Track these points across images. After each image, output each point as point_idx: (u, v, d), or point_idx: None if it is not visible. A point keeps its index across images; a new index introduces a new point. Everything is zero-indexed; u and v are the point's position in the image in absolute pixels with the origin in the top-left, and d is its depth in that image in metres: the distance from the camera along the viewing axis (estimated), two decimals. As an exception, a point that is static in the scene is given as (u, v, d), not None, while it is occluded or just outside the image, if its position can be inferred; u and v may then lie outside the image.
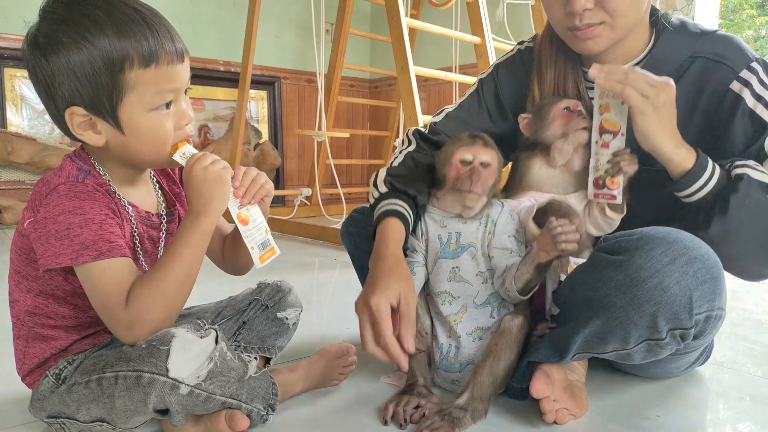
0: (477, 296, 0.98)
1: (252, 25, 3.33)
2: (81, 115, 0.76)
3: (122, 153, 0.81)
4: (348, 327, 1.47)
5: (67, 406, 0.79)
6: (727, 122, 0.96)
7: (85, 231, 0.75)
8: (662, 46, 1.03)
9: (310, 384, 1.02)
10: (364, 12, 4.69)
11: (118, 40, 0.73)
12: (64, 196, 0.76)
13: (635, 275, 0.81)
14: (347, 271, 2.19)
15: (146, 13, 0.76)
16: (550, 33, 1.11)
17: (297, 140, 4.50)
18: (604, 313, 0.85)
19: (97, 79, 0.73)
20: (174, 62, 0.78)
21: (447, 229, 1.01)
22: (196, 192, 0.80)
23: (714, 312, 0.84)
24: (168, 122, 0.80)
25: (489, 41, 2.94)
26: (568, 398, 0.92)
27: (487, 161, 0.96)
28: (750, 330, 1.48)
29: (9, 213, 3.17)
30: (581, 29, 0.98)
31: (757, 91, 0.95)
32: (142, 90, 0.76)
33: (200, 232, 0.80)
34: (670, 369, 1.08)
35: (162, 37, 0.76)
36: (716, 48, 0.99)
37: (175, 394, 0.75)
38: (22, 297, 0.85)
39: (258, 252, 0.86)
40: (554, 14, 1.01)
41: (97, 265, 0.76)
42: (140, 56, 0.74)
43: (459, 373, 0.99)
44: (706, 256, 0.82)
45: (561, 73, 1.10)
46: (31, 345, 0.85)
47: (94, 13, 0.73)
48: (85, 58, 0.72)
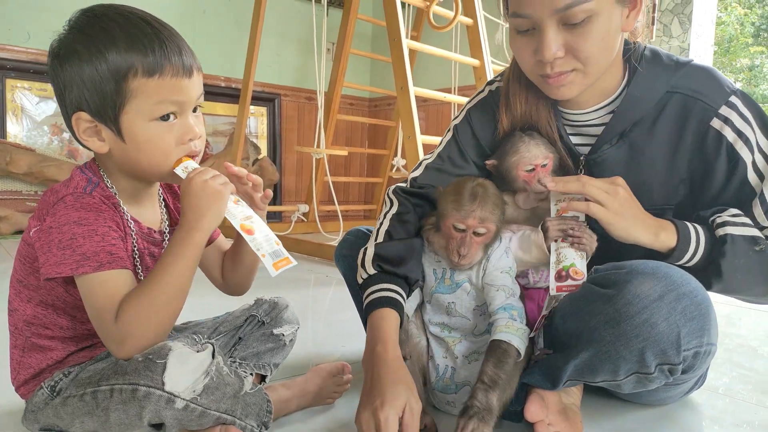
0: (476, 328, 0.99)
1: (254, 42, 3.36)
2: (86, 121, 0.79)
3: (124, 162, 0.82)
4: (343, 345, 1.46)
5: (61, 418, 0.79)
6: (712, 160, 0.97)
7: (87, 242, 0.76)
8: (637, 84, 0.99)
9: (305, 402, 1.02)
10: (365, 32, 4.75)
11: (126, 51, 0.76)
12: (71, 207, 0.77)
13: (624, 310, 0.82)
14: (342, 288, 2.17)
15: (160, 29, 0.79)
16: (518, 73, 1.06)
17: (295, 157, 4.52)
18: (593, 345, 0.86)
19: (103, 86, 0.76)
20: (180, 75, 0.79)
21: (441, 264, 1.01)
22: (193, 205, 0.80)
23: (703, 348, 0.84)
24: (168, 135, 0.81)
25: (488, 64, 2.98)
26: (563, 422, 0.91)
27: (480, 232, 0.94)
28: (745, 357, 1.48)
29: (5, 223, 3.16)
30: (552, 77, 0.95)
31: (737, 126, 0.95)
32: (143, 99, 0.78)
33: (192, 246, 0.79)
34: (664, 398, 1.08)
35: (170, 50, 0.78)
36: (692, 83, 0.97)
37: (170, 408, 0.74)
38: (22, 306, 0.85)
39: (271, 260, 0.82)
40: (524, 61, 0.98)
41: (97, 277, 0.76)
42: (144, 66, 0.76)
43: (455, 394, 0.98)
44: (695, 292, 0.83)
45: (533, 111, 1.06)
46: (27, 355, 0.85)
47: (112, 27, 0.77)
48: (94, 66, 0.76)
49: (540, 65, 0.94)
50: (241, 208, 0.85)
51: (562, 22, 0.89)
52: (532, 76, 1.00)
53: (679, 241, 0.91)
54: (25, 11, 3.38)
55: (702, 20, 3.04)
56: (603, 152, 1.03)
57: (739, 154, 0.94)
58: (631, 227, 0.90)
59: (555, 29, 0.90)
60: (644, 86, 0.99)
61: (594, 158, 1.03)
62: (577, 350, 0.88)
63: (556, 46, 0.91)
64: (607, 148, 1.02)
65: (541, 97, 1.05)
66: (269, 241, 0.84)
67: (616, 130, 1.01)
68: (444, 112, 4.20)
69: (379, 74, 4.80)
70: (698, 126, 0.97)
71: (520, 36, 0.95)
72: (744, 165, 0.94)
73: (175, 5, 3.84)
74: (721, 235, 0.90)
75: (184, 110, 0.82)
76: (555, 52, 0.91)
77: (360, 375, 1.21)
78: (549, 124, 1.06)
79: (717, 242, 0.91)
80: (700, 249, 0.91)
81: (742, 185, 0.95)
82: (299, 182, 4.59)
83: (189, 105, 0.82)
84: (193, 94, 0.82)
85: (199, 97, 0.84)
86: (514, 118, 1.07)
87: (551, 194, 0.99)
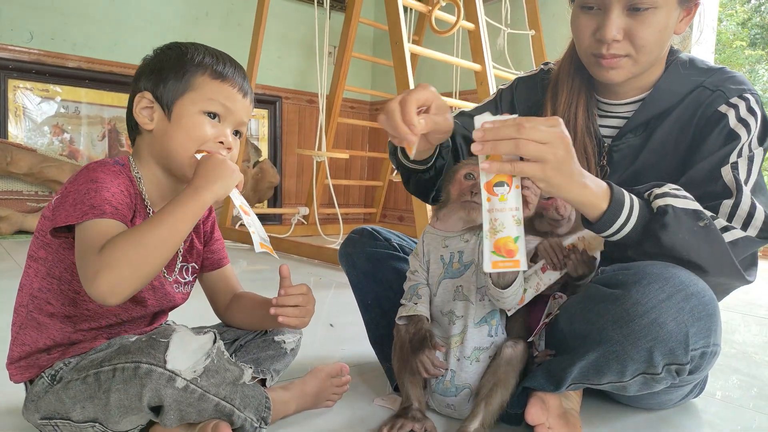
0: (475, 314, 0.98)
1: (256, 45, 3.37)
2: (148, 100, 0.89)
3: (160, 143, 0.89)
4: (342, 348, 1.46)
5: (63, 403, 0.80)
6: (705, 135, 1.00)
7: (97, 195, 0.80)
8: (667, 79, 1.06)
9: (304, 404, 1.02)
10: (367, 36, 4.76)
11: (205, 57, 0.90)
12: (91, 170, 0.84)
13: (632, 310, 0.82)
14: (342, 291, 2.18)
15: (234, 60, 0.94)
16: (571, 55, 1.13)
17: (296, 159, 4.53)
18: (601, 346, 0.86)
19: (177, 79, 0.89)
20: (237, 90, 0.91)
21: (449, 249, 1.01)
22: (207, 172, 0.83)
23: (710, 348, 0.85)
24: (210, 127, 0.89)
25: (489, 68, 2.98)
26: (563, 426, 0.91)
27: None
28: (743, 363, 1.48)
29: (6, 223, 3.16)
30: (606, 58, 1.01)
31: (742, 114, 0.98)
32: (201, 92, 0.89)
33: (195, 201, 0.80)
34: (664, 401, 1.08)
35: (237, 72, 0.92)
36: (716, 80, 1.03)
37: (170, 387, 0.75)
38: (29, 281, 0.88)
39: (258, 238, 0.87)
40: (582, 38, 1.04)
41: (95, 224, 0.78)
42: (213, 71, 0.90)
43: (455, 397, 0.98)
44: (703, 293, 0.83)
45: (575, 97, 1.12)
46: (23, 332, 0.87)
47: (200, 46, 0.93)
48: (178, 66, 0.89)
49: (597, 44, 1.01)
50: (241, 197, 0.90)
51: (628, 7, 0.97)
52: (585, 55, 1.06)
53: (612, 204, 0.83)
54: (27, 11, 3.39)
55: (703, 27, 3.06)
56: (626, 140, 1.08)
57: (737, 133, 0.97)
58: (565, 183, 0.80)
59: (619, 12, 0.97)
60: (673, 83, 1.05)
61: (617, 145, 1.08)
62: (583, 351, 0.88)
63: (617, 28, 0.98)
64: (630, 137, 1.07)
65: (584, 86, 1.12)
66: (260, 228, 0.89)
67: (639, 120, 1.06)
68: (445, 116, 4.20)
69: (380, 78, 4.81)
70: (707, 110, 1.01)
71: (584, 13, 1.02)
72: (735, 144, 0.96)
73: (177, 8, 3.85)
74: (661, 206, 0.84)
75: (227, 119, 0.90)
76: (615, 34, 0.98)
77: (359, 378, 1.21)
78: (588, 111, 1.11)
79: (657, 214, 0.85)
80: (633, 217, 0.85)
81: (721, 160, 0.95)
82: (300, 185, 4.59)
83: (233, 117, 0.91)
84: (241, 112, 0.92)
85: (242, 123, 0.93)
86: (557, 103, 1.13)
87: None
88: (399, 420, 0.95)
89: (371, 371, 1.27)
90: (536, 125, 0.76)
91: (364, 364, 1.32)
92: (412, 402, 0.98)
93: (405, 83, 2.57)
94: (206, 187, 0.81)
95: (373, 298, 1.17)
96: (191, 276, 1.00)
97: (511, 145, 0.76)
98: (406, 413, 0.96)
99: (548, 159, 0.77)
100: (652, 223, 0.85)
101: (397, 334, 1.03)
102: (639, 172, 1.05)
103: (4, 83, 3.38)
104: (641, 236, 0.86)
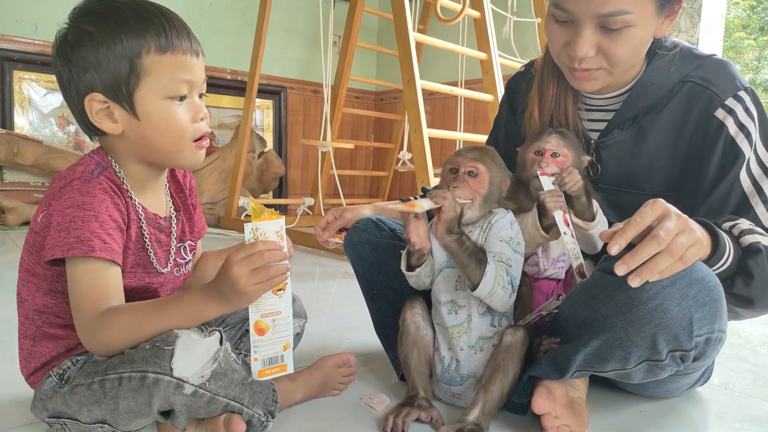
0: (479, 304, 0.98)
1: (260, 35, 3.36)
2: (100, 102, 0.80)
3: (140, 144, 0.83)
4: (349, 337, 1.47)
5: (69, 407, 0.79)
6: (709, 150, 0.97)
7: (85, 226, 0.77)
8: (650, 72, 1.03)
9: (310, 393, 1.02)
10: (372, 25, 4.73)
11: (138, 30, 0.78)
12: (77, 191, 0.79)
13: (635, 296, 0.81)
14: (348, 281, 2.19)
15: (167, 12, 0.83)
16: (551, 58, 1.11)
17: (301, 150, 4.52)
18: (605, 333, 0.85)
19: (116, 64, 0.78)
20: (189, 54, 0.82)
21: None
22: (223, 288, 0.76)
23: (714, 334, 0.84)
24: (182, 113, 0.83)
25: (495, 57, 2.96)
26: (569, 415, 0.91)
27: (472, 171, 0.96)
28: (750, 352, 1.48)
29: (12, 214, 3.18)
30: (579, 71, 0.99)
31: (740, 119, 0.96)
32: (157, 75, 0.80)
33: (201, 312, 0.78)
34: (671, 389, 1.08)
35: (179, 31, 0.82)
36: (705, 73, 1.00)
37: (179, 393, 0.75)
38: (31, 296, 0.85)
39: (259, 366, 0.80)
40: (555, 49, 1.02)
41: (84, 263, 0.77)
42: (157, 43, 0.79)
43: (460, 386, 0.99)
44: (707, 278, 0.82)
45: (562, 93, 1.11)
46: (39, 344, 0.86)
47: (121, 9, 0.79)
48: (108, 46, 0.78)
49: (569, 58, 0.99)
50: (274, 300, 0.79)
51: (600, 26, 0.93)
52: (558, 63, 1.05)
53: (716, 255, 0.85)
54: (32, 3, 3.39)
55: (711, 15, 3.02)
56: (612, 136, 1.07)
57: (740, 148, 0.95)
58: (697, 253, 0.81)
59: (592, 30, 0.94)
60: (658, 74, 1.02)
61: (604, 142, 1.07)
62: (587, 338, 0.88)
63: (589, 46, 0.95)
64: (616, 133, 1.06)
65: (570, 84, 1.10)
66: (275, 345, 0.81)
67: (626, 115, 1.05)
68: (450, 105, 4.19)
69: (385, 67, 4.79)
70: (702, 114, 0.99)
71: (557, 25, 0.99)
72: (741, 162, 0.95)
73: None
74: (752, 243, 0.87)
75: (192, 90, 0.84)
76: (587, 52, 0.95)
77: (365, 367, 1.22)
78: (575, 108, 1.11)
79: (747, 249, 0.87)
80: (728, 261, 0.86)
81: (733, 182, 0.95)
82: (305, 175, 4.59)
83: (197, 85, 0.84)
84: (200, 76, 0.85)
85: (203, 82, 0.86)
86: (543, 100, 1.12)
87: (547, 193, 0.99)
88: (405, 408, 0.95)
89: (377, 360, 1.27)
90: (666, 229, 0.75)
91: (369, 354, 1.32)
92: (418, 391, 0.98)
93: (410, 72, 2.56)
94: (214, 306, 0.78)
95: (379, 288, 1.17)
96: (190, 254, 0.98)
97: (662, 259, 0.76)
98: (412, 402, 0.97)
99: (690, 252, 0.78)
100: (744, 259, 0.87)
101: (402, 324, 1.03)
102: (632, 172, 1.05)
103: (10, 75, 3.38)
104: (734, 271, 0.88)
